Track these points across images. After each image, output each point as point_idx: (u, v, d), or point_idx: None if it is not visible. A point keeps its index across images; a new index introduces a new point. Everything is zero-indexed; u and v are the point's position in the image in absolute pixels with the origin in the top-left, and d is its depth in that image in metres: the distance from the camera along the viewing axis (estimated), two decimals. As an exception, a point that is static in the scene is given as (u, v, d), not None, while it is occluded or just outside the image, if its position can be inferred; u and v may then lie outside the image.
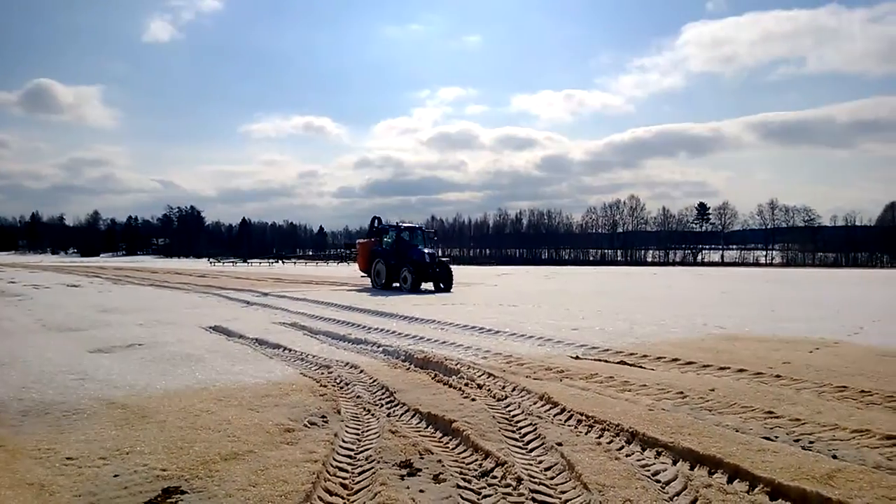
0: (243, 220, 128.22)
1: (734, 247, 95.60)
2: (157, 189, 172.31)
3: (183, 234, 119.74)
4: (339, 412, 5.78)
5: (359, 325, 12.04)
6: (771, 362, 7.96)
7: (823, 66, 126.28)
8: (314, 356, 8.70)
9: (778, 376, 7.13)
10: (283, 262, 42.77)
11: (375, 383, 6.92)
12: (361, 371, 7.59)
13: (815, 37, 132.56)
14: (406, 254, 22.94)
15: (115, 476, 4.07)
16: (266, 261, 45.09)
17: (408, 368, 7.83)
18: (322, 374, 7.52)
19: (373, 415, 5.72)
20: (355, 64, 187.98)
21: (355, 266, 27.92)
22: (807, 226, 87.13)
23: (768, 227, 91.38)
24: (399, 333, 10.86)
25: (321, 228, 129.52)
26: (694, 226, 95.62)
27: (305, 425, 5.35)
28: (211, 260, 55.46)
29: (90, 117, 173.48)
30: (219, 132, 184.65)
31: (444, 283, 22.96)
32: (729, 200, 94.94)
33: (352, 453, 4.63)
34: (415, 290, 21.75)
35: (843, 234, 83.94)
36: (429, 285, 22.92)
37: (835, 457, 4.44)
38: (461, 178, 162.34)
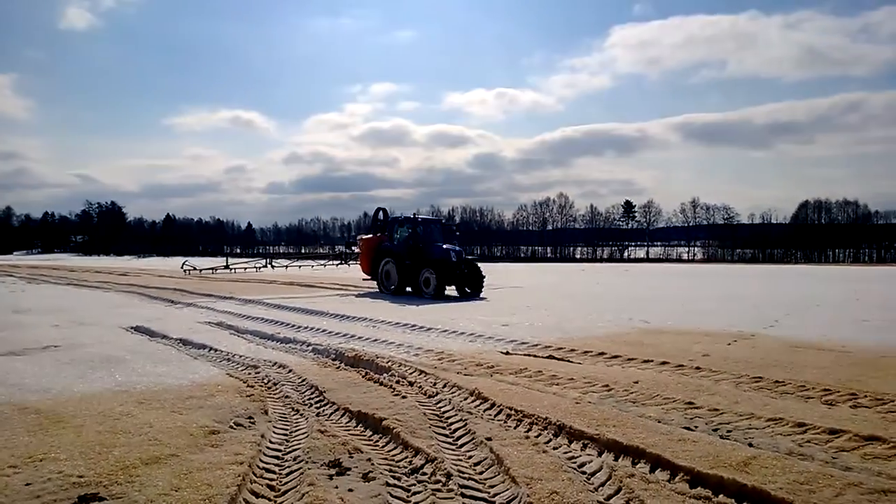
0: (167, 216, 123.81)
1: (658, 243, 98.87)
2: (75, 184, 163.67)
3: (103, 230, 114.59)
4: (266, 413, 5.66)
5: (288, 324, 11.81)
6: (692, 355, 8.27)
7: (743, 70, 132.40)
8: (241, 356, 8.48)
9: (698, 368, 7.42)
10: (271, 265, 32.43)
11: (304, 383, 6.81)
12: (290, 370, 7.45)
13: (736, 42, 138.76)
14: (425, 252, 19.03)
15: (27, 485, 3.85)
16: (251, 263, 35.86)
17: (338, 367, 7.73)
18: (249, 374, 7.34)
19: (301, 415, 5.62)
20: (285, 57, 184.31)
21: (356, 267, 24.92)
22: (726, 223, 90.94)
23: (690, 224, 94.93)
24: (329, 332, 10.72)
25: (249, 225, 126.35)
26: (620, 223, 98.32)
27: (231, 427, 5.21)
28: (186, 267, 33.97)
29: (1, 107, 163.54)
30: (141, 125, 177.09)
31: (471, 286, 18.79)
32: (654, 199, 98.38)
33: (279, 454, 4.54)
34: (439, 295, 17.78)
35: (760, 231, 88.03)
36: (450, 289, 18.84)
37: (751, 445, 4.64)
38: (394, 175, 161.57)
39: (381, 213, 21.89)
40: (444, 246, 19.16)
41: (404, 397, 6.06)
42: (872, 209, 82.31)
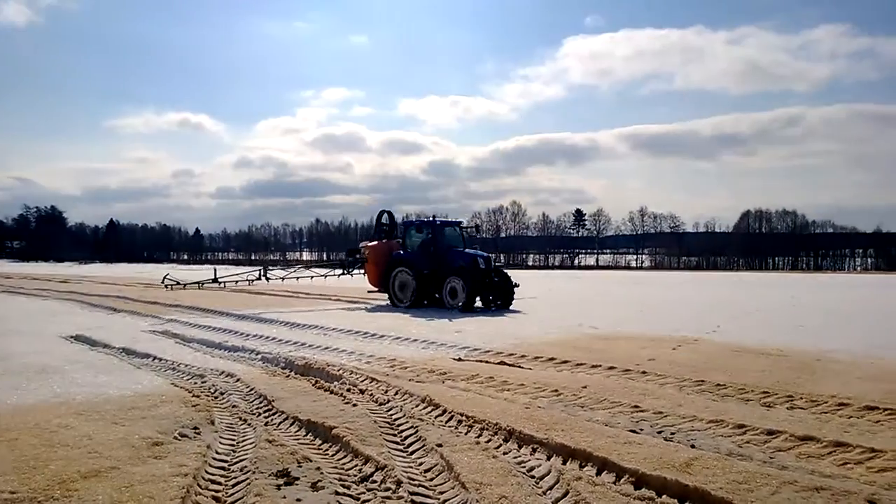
0: (111, 221, 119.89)
1: (608, 251, 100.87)
2: (12, 187, 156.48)
3: (42, 236, 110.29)
4: (212, 423, 5.54)
5: (236, 332, 11.59)
6: (638, 359, 8.45)
7: (690, 83, 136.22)
8: (187, 365, 8.28)
9: (644, 372, 7.59)
10: (266, 276, 25.86)
11: (253, 392, 6.69)
12: (238, 380, 7.31)
13: (683, 55, 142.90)
14: (447, 259, 17.03)
15: (-47, 503, 3.68)
16: (242, 274, 27.40)
17: (287, 375, 7.63)
18: (195, 383, 7.17)
19: (249, 424, 5.52)
20: (236, 60, 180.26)
21: (359, 278, 20.85)
22: (672, 232, 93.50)
23: (638, 232, 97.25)
24: (279, 340, 10.56)
25: (197, 231, 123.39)
26: (571, 231, 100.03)
27: (176, 438, 5.08)
28: (169, 280, 25.40)
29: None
30: (84, 127, 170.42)
31: (501, 297, 16.76)
32: (603, 207, 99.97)
33: (226, 465, 4.45)
34: (468, 308, 15.84)
35: (704, 239, 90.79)
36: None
37: (693, 446, 4.77)
38: (348, 181, 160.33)
39: (385, 216, 19.83)
40: (470, 251, 17.47)
41: (355, 405, 6.02)
42: (810, 219, 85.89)
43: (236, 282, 24.70)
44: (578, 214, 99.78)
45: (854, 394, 6.35)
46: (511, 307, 16.62)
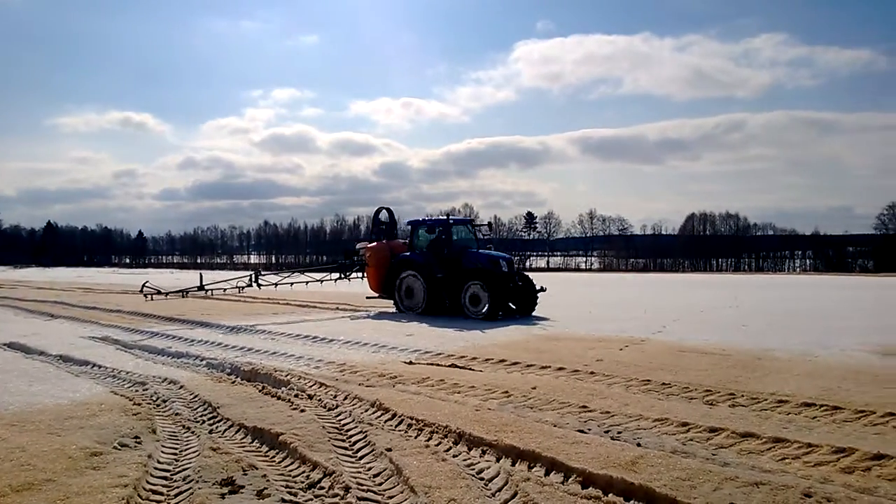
0: (49, 223, 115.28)
1: (558, 253, 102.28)
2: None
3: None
4: (154, 431, 5.38)
5: (180, 338, 11.29)
6: (587, 360, 8.57)
7: (637, 88, 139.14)
8: (128, 373, 8.03)
9: (592, 373, 7.70)
10: (258, 282, 21.69)
11: (197, 399, 6.52)
12: (181, 387, 7.12)
13: (631, 61, 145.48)
14: (462, 261, 15.47)
15: None
16: (231, 280, 23.36)
17: (233, 382, 7.46)
18: (136, 391, 6.95)
19: (193, 432, 5.38)
20: (181, 58, 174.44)
21: (356, 283, 19.20)
22: (621, 234, 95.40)
23: (588, 235, 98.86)
24: (225, 345, 10.34)
25: (140, 233, 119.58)
26: (523, 234, 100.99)
27: (115, 447, 4.91)
28: (148, 289, 21.96)
29: None
30: (21, 125, 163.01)
31: (523, 303, 15.17)
32: (554, 210, 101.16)
33: (168, 474, 4.32)
34: (492, 315, 14.21)
35: (651, 241, 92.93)
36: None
37: (639, 444, 4.86)
38: (297, 182, 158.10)
39: (383, 212, 18.09)
40: (488, 252, 16.07)
41: (303, 411, 5.93)
42: (751, 222, 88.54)
43: (224, 290, 22.23)
44: (530, 217, 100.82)
45: (792, 391, 6.58)
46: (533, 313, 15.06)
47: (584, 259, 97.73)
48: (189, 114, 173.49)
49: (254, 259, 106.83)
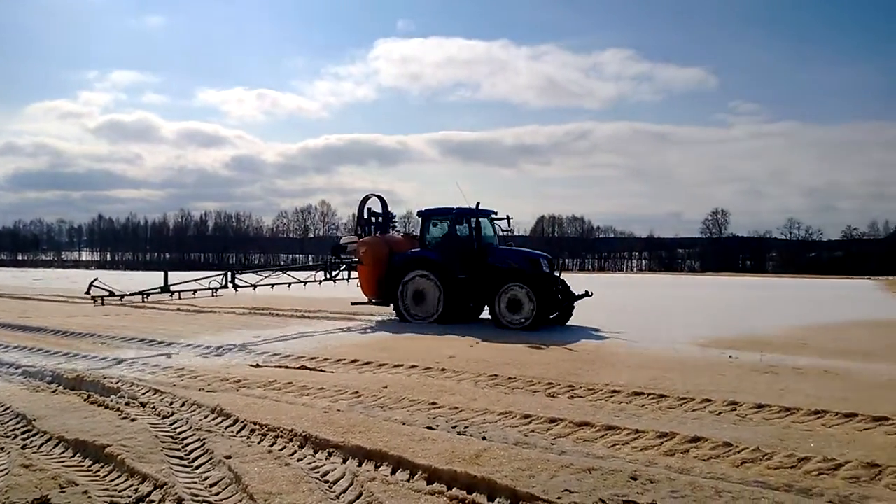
0: None
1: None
2: None
3: None
4: (-47, 451, 4.74)
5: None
6: (439, 357, 8.69)
7: (495, 94, 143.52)
8: (-74, 385, 7.04)
9: (444, 370, 7.82)
10: (234, 284, 18.33)
11: (8, 411, 5.83)
12: (-9, 399, 6.35)
13: (489, 66, 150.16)
14: (489, 259, 13.12)
15: None
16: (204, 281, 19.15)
17: (54, 391, 6.76)
18: (-65, 406, 6.11)
19: (2, 448, 4.81)
20: (2, 28, 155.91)
21: (342, 284, 16.81)
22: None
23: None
24: (47, 351, 9.32)
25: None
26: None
27: None
28: (97, 289, 17.94)
29: None
30: None
31: (562, 310, 12.99)
32: (414, 210, 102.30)
33: (-35, 499, 3.82)
34: (535, 326, 12.05)
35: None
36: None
37: (484, 438, 4.98)
38: (137, 174, 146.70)
39: (370, 200, 15.29)
40: (523, 249, 14.30)
41: (133, 420, 5.48)
42: (595, 224, 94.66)
43: (194, 292, 18.76)
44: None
45: (625, 381, 7.05)
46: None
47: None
48: (10, 93, 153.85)
49: (86, 256, 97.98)
